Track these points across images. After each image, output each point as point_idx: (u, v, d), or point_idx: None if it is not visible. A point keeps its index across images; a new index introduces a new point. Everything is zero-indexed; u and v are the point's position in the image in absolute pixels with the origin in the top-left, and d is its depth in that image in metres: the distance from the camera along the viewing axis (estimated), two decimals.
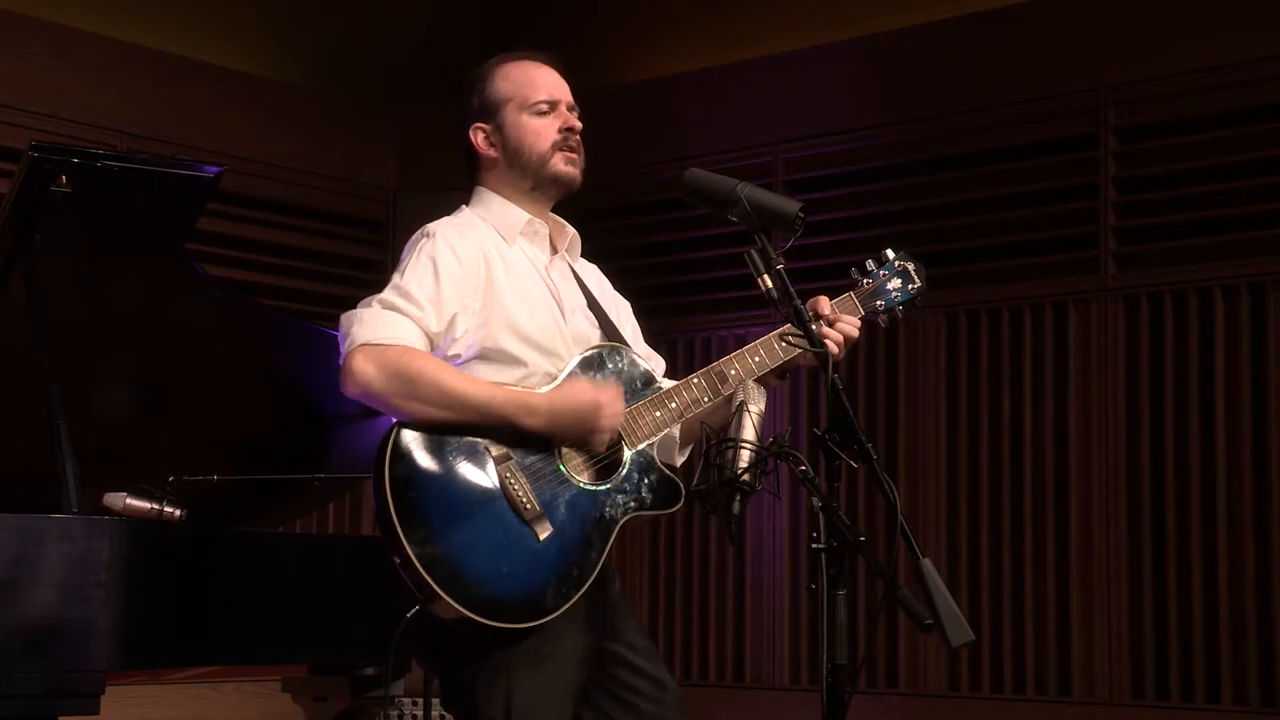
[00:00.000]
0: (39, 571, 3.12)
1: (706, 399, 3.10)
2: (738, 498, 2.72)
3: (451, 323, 2.98)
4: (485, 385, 2.96)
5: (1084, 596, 5.60)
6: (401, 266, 3.03)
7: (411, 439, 2.91)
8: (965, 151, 5.97)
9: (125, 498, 3.47)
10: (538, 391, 2.99)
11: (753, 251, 2.83)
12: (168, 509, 3.50)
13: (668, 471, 3.08)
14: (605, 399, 2.98)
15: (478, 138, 3.17)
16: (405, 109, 6.92)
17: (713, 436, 2.84)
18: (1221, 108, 5.48)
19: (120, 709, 3.49)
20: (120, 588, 3.18)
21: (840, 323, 3.13)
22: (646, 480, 3.05)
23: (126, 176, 3.36)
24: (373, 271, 6.76)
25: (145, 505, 3.49)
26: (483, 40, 7.04)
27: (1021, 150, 5.86)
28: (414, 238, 3.08)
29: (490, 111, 3.17)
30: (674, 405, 3.08)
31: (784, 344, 3.14)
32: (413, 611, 2.88)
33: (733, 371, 3.12)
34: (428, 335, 2.96)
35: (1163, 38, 5.59)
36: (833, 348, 3.07)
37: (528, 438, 2.96)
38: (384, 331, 2.93)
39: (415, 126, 6.87)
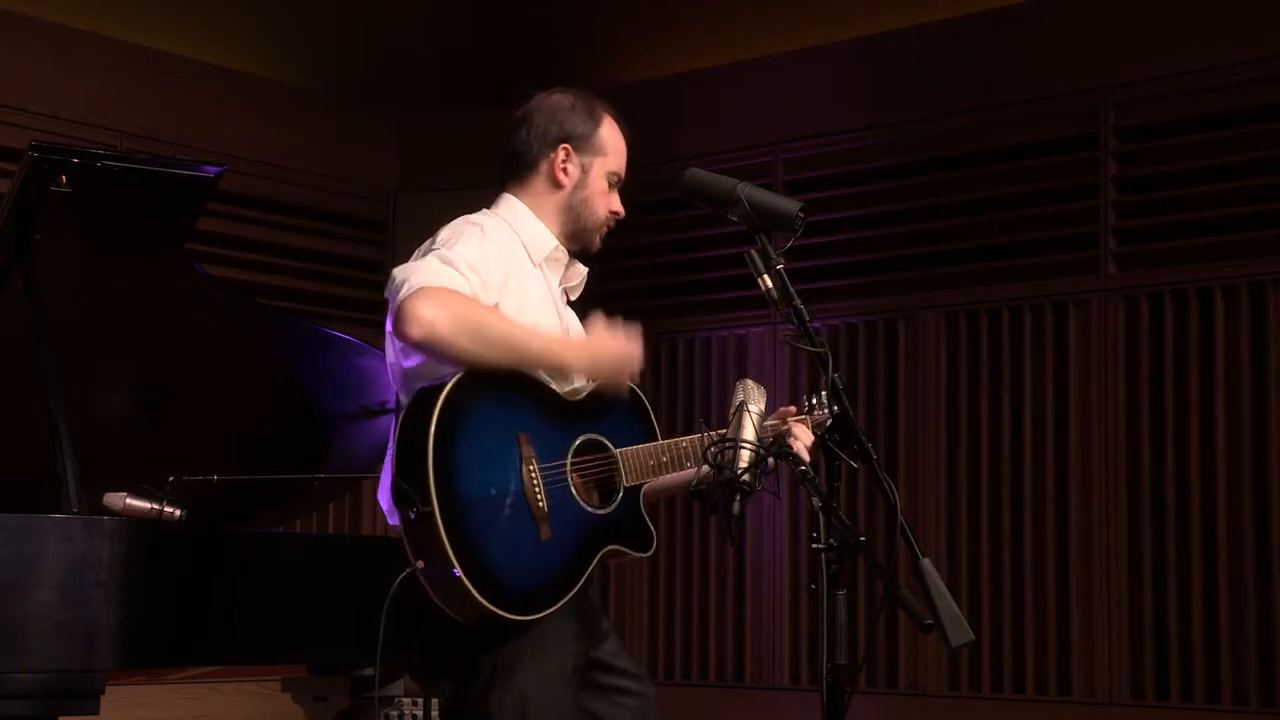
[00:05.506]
0: (39, 571, 3.12)
1: (687, 464, 3.16)
2: (738, 498, 2.72)
3: (498, 304, 3.01)
4: (542, 335, 3.04)
5: (1084, 596, 5.60)
6: (448, 241, 3.02)
7: (463, 400, 2.90)
8: (965, 151, 5.97)
9: (125, 498, 3.47)
10: (582, 344, 3.11)
11: (753, 251, 2.83)
12: (168, 509, 3.50)
13: (646, 518, 3.14)
14: (634, 346, 3.10)
15: (560, 156, 3.17)
16: (405, 109, 6.92)
17: (713, 436, 2.84)
18: (1221, 108, 5.48)
19: (120, 709, 3.49)
20: (120, 588, 3.18)
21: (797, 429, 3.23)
22: (628, 518, 3.11)
23: (126, 176, 3.36)
24: (373, 271, 6.76)
25: (145, 505, 3.49)
26: (483, 41, 7.05)
27: (1021, 150, 5.86)
28: (457, 223, 3.08)
29: (586, 148, 3.20)
30: (665, 459, 3.16)
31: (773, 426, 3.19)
32: (405, 573, 2.88)
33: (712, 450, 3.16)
34: None
35: (1163, 38, 5.59)
36: (800, 449, 3.15)
37: (550, 439, 3.00)
38: (446, 279, 2.92)
39: (415, 126, 6.88)
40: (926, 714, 5.84)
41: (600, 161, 3.20)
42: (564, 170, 3.18)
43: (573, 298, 3.30)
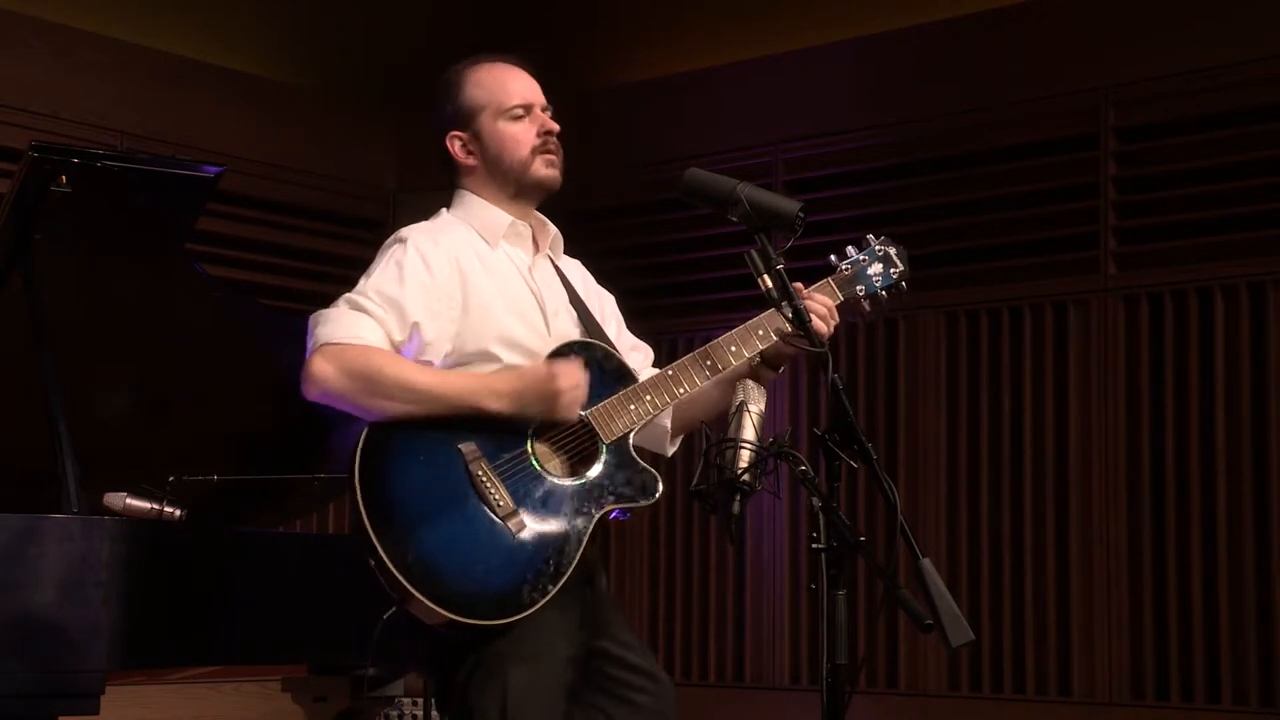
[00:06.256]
0: (39, 571, 3.12)
1: (685, 388, 3.09)
2: (738, 498, 2.72)
3: (414, 330, 2.98)
4: (447, 375, 2.97)
5: (1084, 596, 5.60)
6: (370, 268, 3.03)
7: (382, 442, 2.91)
8: (965, 151, 5.97)
9: (125, 498, 3.47)
10: (497, 378, 2.98)
11: (753, 252, 2.83)
12: (168, 509, 3.50)
13: (644, 463, 3.06)
14: (559, 366, 2.96)
15: (455, 146, 3.16)
16: (405, 109, 6.91)
17: (713, 436, 2.84)
18: (1221, 108, 5.48)
19: (120, 709, 3.49)
20: (120, 588, 3.18)
21: (810, 300, 3.12)
22: (622, 472, 3.04)
23: (126, 176, 3.37)
24: None
25: (145, 505, 3.50)
26: (483, 41, 7.04)
27: (1021, 150, 5.86)
28: (388, 241, 3.08)
29: (465, 119, 3.15)
30: (649, 398, 3.07)
31: (761, 334, 3.14)
32: (390, 613, 2.90)
33: (709, 361, 3.11)
34: (390, 340, 2.96)
35: (1163, 38, 5.59)
36: (818, 325, 3.06)
37: (499, 433, 2.96)
38: (347, 331, 2.93)
39: (415, 126, 6.79)
40: (926, 714, 5.84)
41: (485, 116, 3.14)
42: (466, 152, 3.16)
43: (558, 258, 3.26)
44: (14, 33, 5.84)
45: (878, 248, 3.31)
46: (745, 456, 2.74)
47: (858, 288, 3.27)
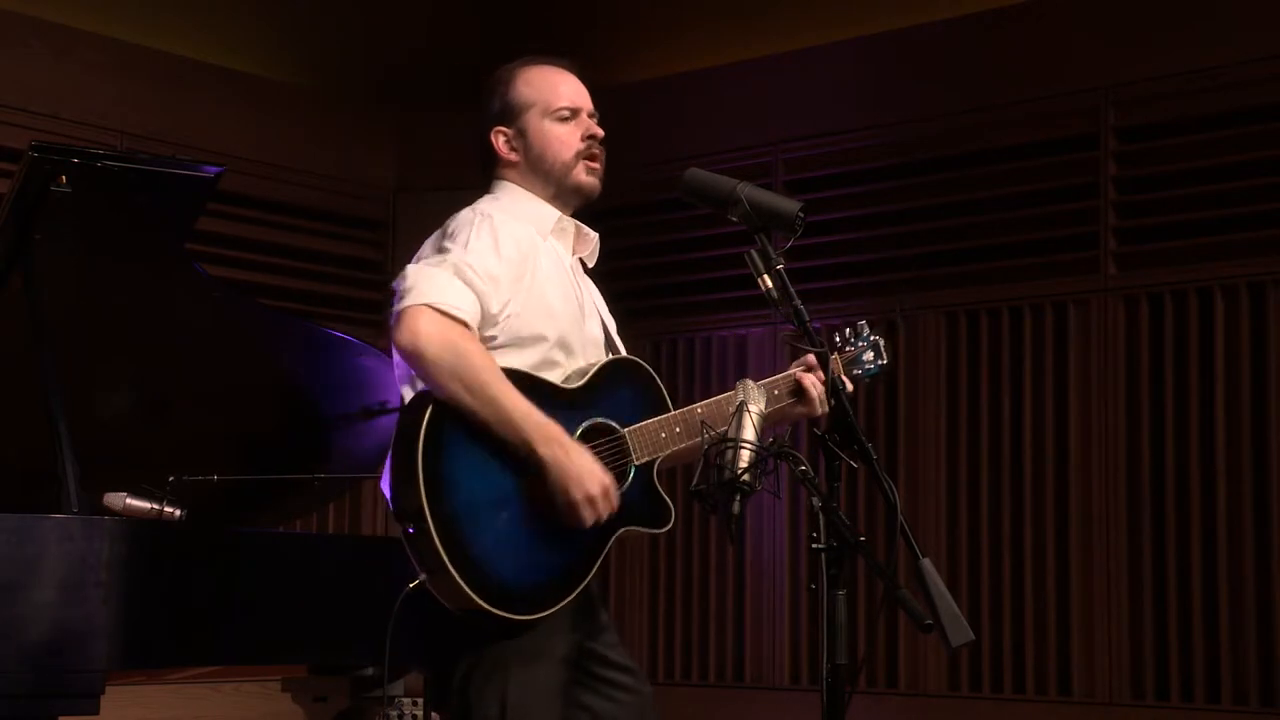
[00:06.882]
0: (39, 571, 3.12)
1: (709, 427, 3.10)
2: (738, 498, 2.72)
3: (506, 305, 2.99)
4: (524, 401, 2.92)
5: (1084, 596, 5.60)
6: (460, 239, 3.00)
7: (450, 415, 2.89)
8: (965, 151, 5.97)
9: (125, 498, 3.48)
10: (564, 437, 2.94)
11: (753, 252, 2.83)
12: (168, 509, 3.51)
13: (662, 492, 3.10)
14: (607, 480, 2.94)
15: (499, 140, 3.17)
16: (405, 109, 6.92)
17: (713, 436, 2.84)
18: (1221, 108, 5.48)
19: (120, 709, 3.50)
20: (120, 588, 3.18)
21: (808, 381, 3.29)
22: (643, 496, 3.06)
23: (126, 176, 3.37)
24: (373, 271, 6.77)
25: (145, 505, 3.50)
26: (484, 41, 7.05)
27: (1021, 150, 5.87)
28: (467, 215, 3.07)
29: (512, 115, 3.17)
30: (678, 430, 3.10)
31: (777, 393, 3.24)
32: (414, 584, 2.87)
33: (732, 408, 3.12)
34: (486, 313, 2.96)
35: (1163, 38, 5.59)
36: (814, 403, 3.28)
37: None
38: (451, 299, 2.90)
39: (415, 126, 6.88)
40: (926, 714, 5.84)
41: (531, 114, 3.16)
42: (509, 148, 3.17)
43: (589, 264, 3.28)
44: (14, 33, 5.84)
45: (870, 336, 3.52)
46: (745, 456, 2.73)
47: (855, 371, 3.46)
